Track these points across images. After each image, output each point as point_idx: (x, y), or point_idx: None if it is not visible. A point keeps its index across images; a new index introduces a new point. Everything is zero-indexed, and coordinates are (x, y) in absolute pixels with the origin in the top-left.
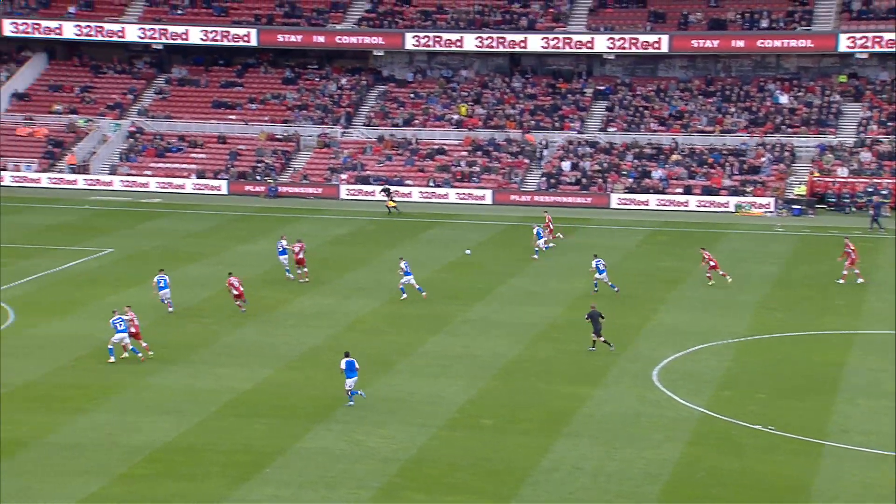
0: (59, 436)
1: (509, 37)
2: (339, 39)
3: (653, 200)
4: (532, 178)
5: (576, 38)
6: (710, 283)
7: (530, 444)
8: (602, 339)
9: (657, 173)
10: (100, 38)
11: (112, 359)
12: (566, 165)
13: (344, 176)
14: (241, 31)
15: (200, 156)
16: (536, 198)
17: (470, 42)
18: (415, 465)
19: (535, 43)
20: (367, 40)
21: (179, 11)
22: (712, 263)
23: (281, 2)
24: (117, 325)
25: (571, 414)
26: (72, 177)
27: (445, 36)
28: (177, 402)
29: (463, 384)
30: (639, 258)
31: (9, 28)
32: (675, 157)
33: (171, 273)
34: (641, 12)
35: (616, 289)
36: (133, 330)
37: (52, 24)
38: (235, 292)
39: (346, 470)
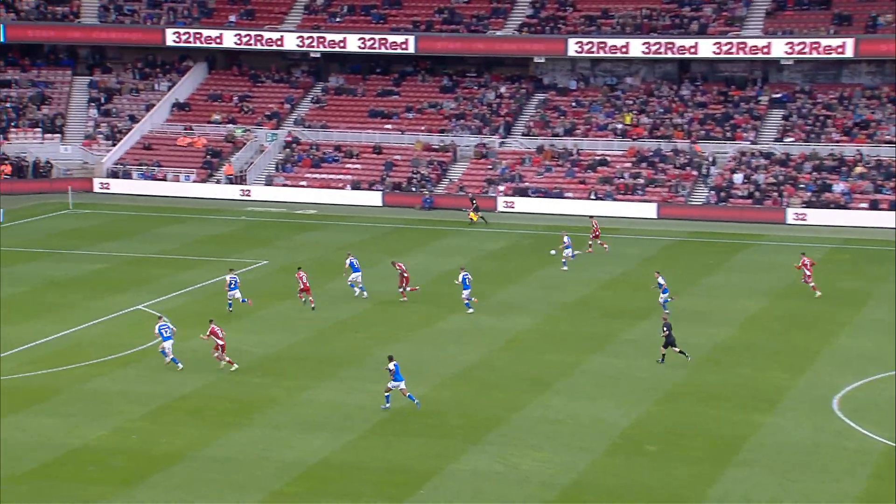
0: (213, 449)
1: (679, 42)
2: (499, 46)
3: (833, 216)
4: (700, 192)
5: (751, 42)
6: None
7: (697, 472)
8: (678, 349)
9: (839, 187)
10: (258, 46)
11: (179, 365)
12: (738, 178)
13: (501, 188)
14: (399, 39)
15: (356, 166)
16: (704, 212)
17: (636, 48)
18: (574, 491)
19: (706, 48)
20: (529, 47)
21: (338, 19)
22: (807, 273)
23: (440, 8)
24: (163, 331)
25: (742, 441)
26: (228, 187)
27: (610, 42)
28: (329, 419)
29: (625, 407)
30: (817, 277)
31: (171, 38)
32: (859, 169)
33: (324, 286)
34: (825, 14)
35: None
36: (220, 342)
37: (213, 32)
38: (301, 286)
39: (502, 494)
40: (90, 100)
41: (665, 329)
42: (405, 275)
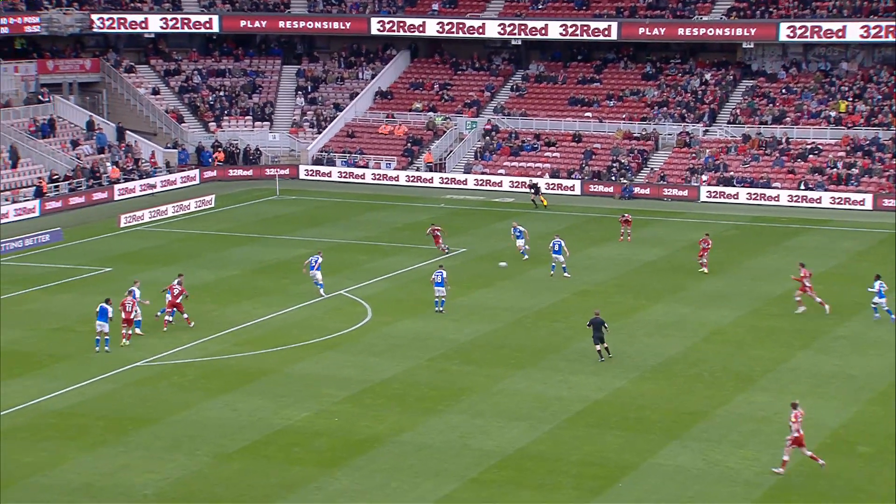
0: (412, 435)
1: None
2: (706, 32)
3: None
4: None
5: None
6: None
7: None
8: (602, 346)
9: None
10: (460, 34)
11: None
12: None
13: (705, 177)
14: (602, 25)
15: (555, 154)
16: None
17: (854, 31)
18: (780, 491)
19: None
20: (737, 32)
21: (540, 6)
22: (807, 284)
23: None
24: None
25: None
26: (428, 175)
27: (825, 25)
28: (528, 409)
29: (836, 406)
30: None
31: (375, 27)
32: None
33: (521, 275)
34: None
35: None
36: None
37: (416, 21)
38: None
39: (704, 491)
40: (297, 88)
41: (589, 324)
42: (437, 233)
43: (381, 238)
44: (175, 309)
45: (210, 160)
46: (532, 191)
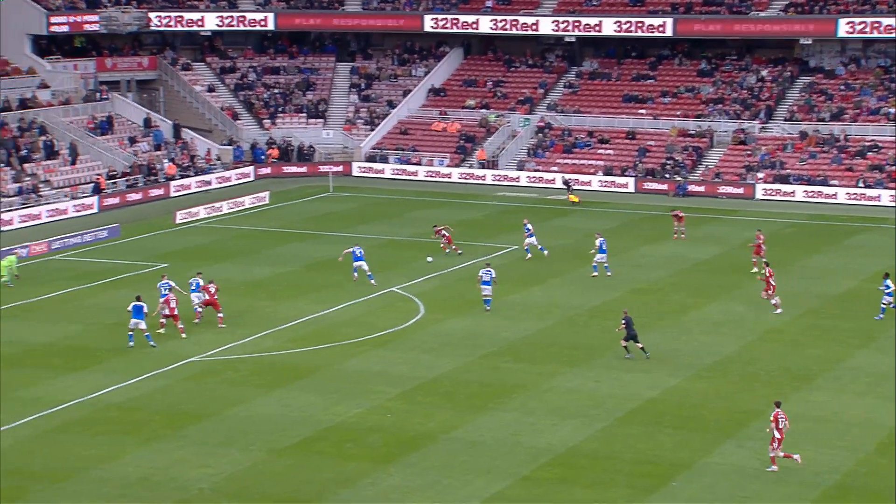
0: (464, 432)
1: None
2: (763, 28)
3: None
4: None
5: None
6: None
7: None
8: (626, 344)
9: None
10: (514, 31)
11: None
12: None
13: (761, 175)
14: (657, 22)
15: (608, 152)
16: None
17: None
18: (837, 492)
19: None
20: (795, 28)
21: (594, 3)
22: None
23: None
24: (162, 288)
25: None
26: (481, 172)
27: (885, 21)
28: (580, 406)
29: (894, 405)
30: None
31: (429, 24)
32: None
33: (573, 272)
34: None
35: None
36: (173, 306)
37: (470, 18)
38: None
39: (759, 492)
40: (351, 86)
41: (623, 322)
42: (445, 234)
43: (432, 235)
44: (210, 306)
45: (264, 157)
46: (565, 187)
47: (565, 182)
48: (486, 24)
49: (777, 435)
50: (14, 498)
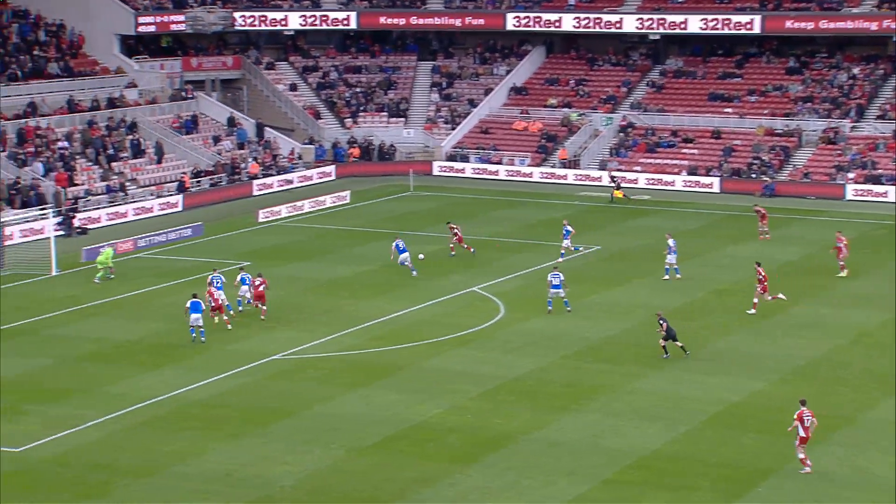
0: (545, 432)
1: None
2: (855, 25)
3: None
4: None
5: None
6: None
7: None
8: (665, 344)
9: None
10: (597, 29)
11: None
12: None
13: (851, 175)
14: (744, 19)
15: (692, 151)
16: None
17: None
18: None
19: None
20: (889, 24)
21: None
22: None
23: None
24: (215, 282)
25: None
26: (562, 171)
27: None
28: (663, 409)
29: None
30: None
31: (511, 22)
32: None
33: (656, 273)
34: None
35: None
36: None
37: (552, 16)
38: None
39: (849, 498)
40: (432, 84)
41: (662, 322)
42: (457, 233)
43: (514, 235)
44: (259, 301)
45: (345, 156)
46: (613, 183)
47: (612, 178)
48: (569, 23)
49: (802, 434)
50: (100, 493)
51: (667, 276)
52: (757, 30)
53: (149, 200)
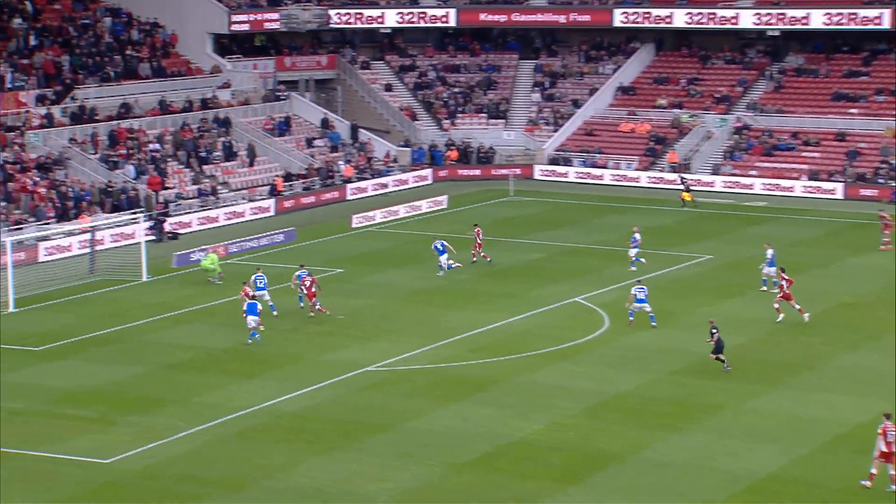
0: (652, 452)
1: None
2: None
3: None
4: None
5: None
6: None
7: None
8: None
9: None
10: (711, 25)
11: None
12: None
13: None
14: (872, 14)
15: (814, 155)
16: None
17: None
18: None
19: None
20: None
21: None
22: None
23: None
24: (258, 281)
25: None
26: (671, 176)
27: None
28: (781, 429)
29: None
30: None
31: (619, 18)
32: None
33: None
34: None
35: None
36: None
37: (663, 12)
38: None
39: None
40: (534, 84)
41: (714, 331)
42: (478, 240)
43: (619, 243)
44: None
45: (442, 159)
46: (681, 184)
47: (682, 179)
48: (680, 18)
49: (883, 448)
50: None
51: (764, 288)
52: (886, 25)
53: (240, 204)
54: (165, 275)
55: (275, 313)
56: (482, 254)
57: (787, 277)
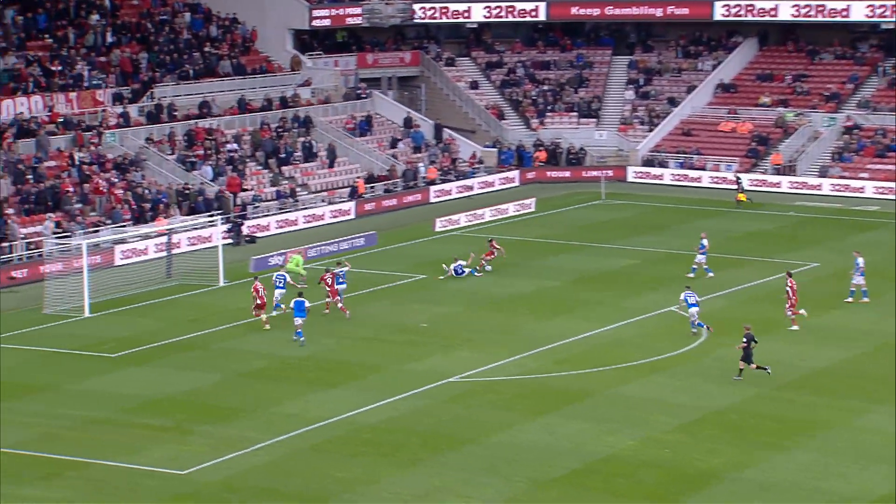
0: (754, 472)
1: None
2: None
3: None
4: None
5: None
6: None
7: None
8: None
9: None
10: (819, 18)
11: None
12: None
13: None
14: None
15: None
16: None
17: None
18: None
19: None
20: None
21: None
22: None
23: None
24: (277, 281)
25: None
26: (775, 178)
27: None
28: (892, 449)
29: None
30: None
31: (720, 12)
32: None
33: (882, 295)
34: None
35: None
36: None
37: (767, 4)
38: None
39: None
40: (628, 81)
41: (744, 340)
42: (493, 250)
43: (717, 249)
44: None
45: (531, 160)
46: (735, 185)
47: (736, 179)
48: (786, 11)
49: None
50: None
51: (850, 299)
52: None
53: (320, 207)
54: (242, 280)
55: (282, 309)
56: (486, 264)
57: (793, 285)
